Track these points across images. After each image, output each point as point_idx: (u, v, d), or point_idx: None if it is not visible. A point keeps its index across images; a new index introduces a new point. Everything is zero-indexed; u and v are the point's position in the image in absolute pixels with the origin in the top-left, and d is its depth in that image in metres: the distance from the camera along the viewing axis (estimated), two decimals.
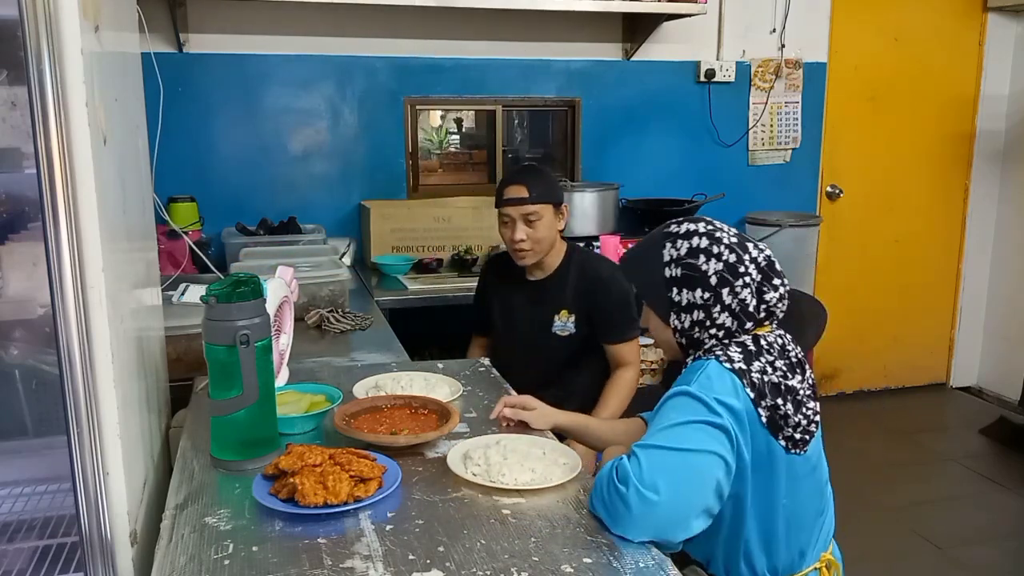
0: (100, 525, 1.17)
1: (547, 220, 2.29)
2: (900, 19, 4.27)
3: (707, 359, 1.41)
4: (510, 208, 2.29)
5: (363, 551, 1.17)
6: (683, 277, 1.46)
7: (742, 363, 1.39)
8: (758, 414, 1.37)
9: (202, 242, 3.05)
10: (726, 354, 1.40)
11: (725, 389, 1.35)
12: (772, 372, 1.40)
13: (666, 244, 1.49)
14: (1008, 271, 4.57)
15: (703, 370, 1.38)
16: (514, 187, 2.30)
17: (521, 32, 3.68)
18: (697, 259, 1.46)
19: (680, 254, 1.47)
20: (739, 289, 1.45)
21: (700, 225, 1.50)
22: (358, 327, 2.45)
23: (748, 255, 1.46)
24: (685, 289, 1.46)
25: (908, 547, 3.09)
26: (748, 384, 1.37)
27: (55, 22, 1.04)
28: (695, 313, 1.46)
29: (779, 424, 1.38)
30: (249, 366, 1.39)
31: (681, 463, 1.27)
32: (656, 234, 1.54)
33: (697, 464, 1.28)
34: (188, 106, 3.30)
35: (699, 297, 1.45)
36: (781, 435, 1.39)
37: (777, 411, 1.38)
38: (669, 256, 1.48)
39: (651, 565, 1.16)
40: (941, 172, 4.53)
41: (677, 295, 1.47)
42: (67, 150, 1.07)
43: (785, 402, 1.39)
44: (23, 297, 1.56)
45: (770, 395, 1.38)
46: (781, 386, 1.40)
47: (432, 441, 1.53)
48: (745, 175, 4.12)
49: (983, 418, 4.22)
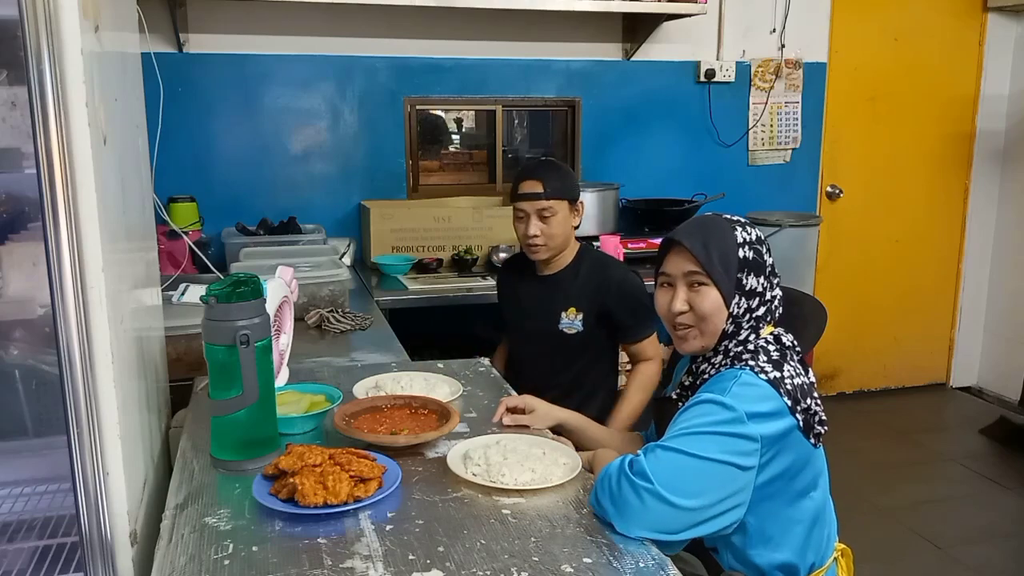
0: (100, 525, 1.17)
1: (561, 216, 2.28)
2: (900, 19, 4.27)
3: (739, 369, 1.40)
4: (525, 203, 2.28)
5: (363, 551, 1.17)
6: (753, 261, 1.46)
7: (775, 371, 1.38)
8: (796, 420, 1.36)
9: (202, 242, 3.05)
10: (758, 365, 1.39)
11: (760, 399, 1.34)
12: (797, 374, 1.41)
13: (735, 227, 1.48)
14: (1008, 271, 4.57)
15: (736, 380, 1.37)
16: (529, 182, 2.29)
17: (521, 32, 3.68)
18: (762, 246, 1.47)
19: (751, 238, 1.47)
20: (775, 284, 1.48)
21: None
22: (358, 327, 2.45)
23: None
24: (753, 274, 1.46)
25: (908, 547, 3.09)
26: (784, 393, 1.36)
27: (55, 22, 1.04)
28: (752, 300, 1.46)
29: (811, 424, 1.39)
30: (249, 366, 1.39)
31: (698, 470, 1.27)
32: (715, 218, 1.51)
33: (714, 473, 1.28)
34: (188, 106, 3.30)
35: (761, 284, 1.46)
36: (812, 434, 1.39)
37: (809, 412, 1.38)
38: (743, 238, 1.47)
39: (651, 565, 1.16)
40: (941, 172, 4.53)
41: (746, 278, 1.46)
42: (67, 150, 1.07)
43: (812, 400, 1.40)
44: (23, 297, 1.56)
45: (801, 398, 1.38)
46: (805, 385, 1.41)
47: (432, 441, 1.53)
48: (745, 175, 4.12)
49: (983, 418, 4.22)
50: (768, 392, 1.36)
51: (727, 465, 1.28)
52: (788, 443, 1.36)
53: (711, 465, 1.27)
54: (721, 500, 1.29)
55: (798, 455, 1.38)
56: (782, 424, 1.34)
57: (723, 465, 1.28)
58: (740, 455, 1.29)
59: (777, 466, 1.36)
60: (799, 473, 1.40)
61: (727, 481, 1.29)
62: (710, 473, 1.28)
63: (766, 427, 1.32)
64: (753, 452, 1.30)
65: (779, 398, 1.35)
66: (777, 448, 1.35)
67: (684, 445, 1.29)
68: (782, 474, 1.37)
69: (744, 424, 1.30)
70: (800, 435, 1.37)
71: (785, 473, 1.37)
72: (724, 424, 1.30)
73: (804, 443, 1.38)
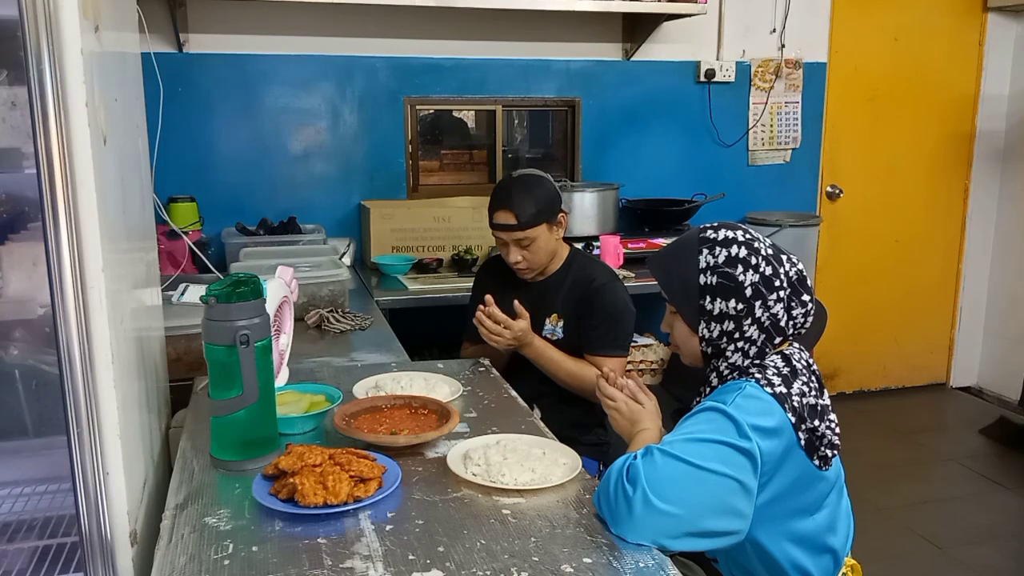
0: (100, 525, 1.17)
1: (541, 240, 2.21)
2: (900, 19, 4.27)
3: (745, 380, 1.39)
4: (501, 233, 2.24)
5: (363, 551, 1.17)
6: (718, 286, 1.43)
7: (782, 386, 1.36)
8: (798, 437, 1.35)
9: (202, 242, 3.05)
10: (765, 377, 1.38)
11: (763, 413, 1.33)
12: (808, 393, 1.39)
13: (703, 250, 1.45)
14: (1008, 271, 4.57)
15: (740, 391, 1.35)
16: (502, 212, 2.21)
17: (521, 32, 3.68)
18: (735, 268, 1.42)
19: (717, 262, 1.43)
20: (772, 303, 1.42)
21: (738, 233, 1.46)
22: (358, 327, 2.45)
23: (783, 268, 1.44)
24: (719, 298, 1.43)
25: (908, 547, 3.09)
26: (789, 408, 1.35)
27: (55, 22, 1.04)
28: (726, 323, 1.43)
29: (815, 445, 1.37)
30: (249, 366, 1.39)
31: (695, 479, 1.25)
32: (691, 237, 1.49)
33: (711, 484, 1.25)
34: (188, 106, 3.30)
35: (732, 308, 1.42)
36: (816, 455, 1.38)
37: (815, 432, 1.37)
38: (706, 263, 1.44)
39: (651, 565, 1.16)
40: (941, 172, 4.52)
41: (710, 304, 1.43)
42: (67, 150, 1.07)
43: (820, 422, 1.38)
44: (23, 297, 1.56)
45: (808, 418, 1.36)
46: (817, 406, 1.39)
47: (432, 441, 1.53)
48: (745, 175, 4.12)
49: (983, 418, 4.22)
50: (771, 406, 1.34)
51: (723, 477, 1.26)
52: (789, 462, 1.35)
53: (706, 475, 1.25)
54: (715, 512, 1.26)
55: (800, 475, 1.37)
56: (784, 441, 1.33)
57: (719, 476, 1.26)
58: (738, 469, 1.27)
59: (777, 484, 1.34)
60: (801, 493, 1.39)
61: (723, 493, 1.26)
62: (704, 481, 1.25)
63: (767, 443, 1.31)
64: (752, 469, 1.28)
65: (783, 413, 1.34)
66: (777, 466, 1.33)
67: (681, 451, 1.27)
68: (783, 493, 1.36)
69: (747, 439, 1.28)
70: (802, 454, 1.36)
71: (786, 492, 1.36)
72: (724, 435, 1.29)
73: (807, 463, 1.37)
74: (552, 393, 2.26)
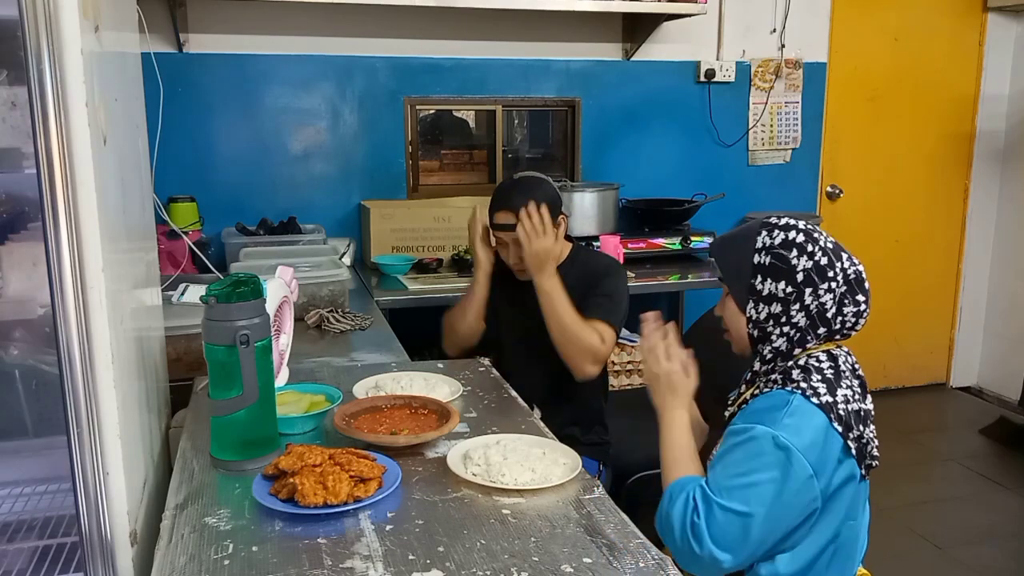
0: (100, 525, 1.17)
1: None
2: (900, 19, 4.27)
3: (791, 392, 1.39)
4: (501, 234, 2.24)
5: (363, 551, 1.17)
6: (771, 266, 1.45)
7: (828, 395, 1.37)
8: (847, 446, 1.36)
9: (202, 242, 3.05)
10: (811, 386, 1.38)
11: (814, 430, 1.34)
12: (853, 399, 1.39)
13: (762, 232, 1.48)
14: (1008, 271, 4.57)
15: (788, 407, 1.36)
16: (502, 213, 2.22)
17: (521, 32, 3.68)
18: (789, 252, 1.45)
19: (773, 243, 1.46)
20: (822, 292, 1.43)
21: (800, 223, 1.50)
22: (358, 327, 2.45)
23: (840, 263, 1.45)
24: (770, 279, 1.45)
25: (908, 547, 3.09)
26: (836, 419, 1.35)
27: (55, 22, 1.04)
28: (773, 305, 1.44)
29: (864, 452, 1.38)
30: (249, 366, 1.39)
31: (760, 528, 1.30)
32: (754, 223, 1.53)
33: (774, 525, 1.32)
34: (188, 106, 3.30)
35: (781, 290, 1.43)
36: (863, 463, 1.39)
37: (862, 439, 1.38)
38: (762, 243, 1.47)
39: (651, 565, 1.16)
40: (941, 172, 4.53)
41: (760, 283, 1.45)
42: (67, 150, 1.07)
43: (866, 427, 1.39)
44: (23, 297, 1.56)
45: (855, 425, 1.37)
46: (861, 411, 1.40)
47: (432, 441, 1.53)
48: (745, 175, 4.12)
49: (983, 418, 4.22)
50: (821, 419, 1.35)
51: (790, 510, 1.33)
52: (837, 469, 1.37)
53: (770, 521, 1.31)
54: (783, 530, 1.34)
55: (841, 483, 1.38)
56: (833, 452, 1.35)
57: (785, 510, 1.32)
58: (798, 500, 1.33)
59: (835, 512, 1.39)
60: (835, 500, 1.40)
61: (791, 519, 1.34)
62: (769, 527, 1.31)
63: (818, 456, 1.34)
64: (809, 488, 1.33)
65: (831, 424, 1.35)
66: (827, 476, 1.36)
67: (741, 502, 1.31)
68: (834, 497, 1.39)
69: (799, 463, 1.31)
70: (851, 460, 1.38)
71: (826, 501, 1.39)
72: (779, 467, 1.31)
73: (854, 470, 1.38)
74: (552, 393, 2.26)
